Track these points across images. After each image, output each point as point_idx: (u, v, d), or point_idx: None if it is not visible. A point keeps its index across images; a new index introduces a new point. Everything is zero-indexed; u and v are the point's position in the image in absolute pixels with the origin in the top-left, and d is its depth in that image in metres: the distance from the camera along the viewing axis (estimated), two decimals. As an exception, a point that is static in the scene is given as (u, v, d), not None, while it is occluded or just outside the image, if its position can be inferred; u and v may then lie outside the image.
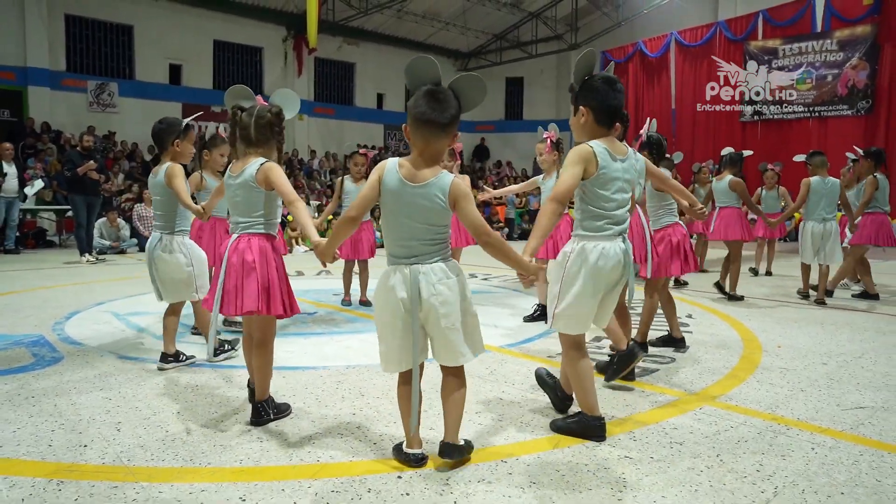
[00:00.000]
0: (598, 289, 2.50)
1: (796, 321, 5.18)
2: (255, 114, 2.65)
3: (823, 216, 5.94)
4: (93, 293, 6.25)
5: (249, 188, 2.63)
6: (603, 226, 2.49)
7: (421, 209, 2.16)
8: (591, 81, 2.51)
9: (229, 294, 2.60)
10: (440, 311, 2.16)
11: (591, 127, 2.51)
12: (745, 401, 3.10)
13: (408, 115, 2.21)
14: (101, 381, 3.29)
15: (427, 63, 2.20)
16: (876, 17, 15.66)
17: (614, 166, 2.48)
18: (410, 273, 2.17)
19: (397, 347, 2.22)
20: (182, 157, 3.59)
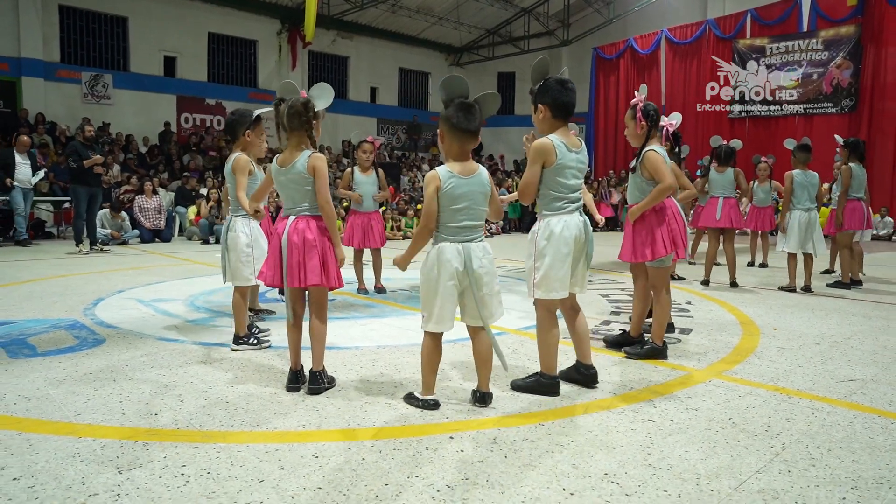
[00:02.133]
0: (567, 254, 2.90)
1: (789, 307, 5.49)
2: (289, 104, 2.90)
3: (807, 206, 6.27)
4: (110, 282, 6.41)
5: (303, 178, 2.89)
6: (563, 205, 2.93)
7: (478, 195, 2.69)
8: (546, 83, 2.93)
9: (293, 269, 2.86)
10: (484, 279, 2.67)
11: (549, 121, 2.94)
12: (749, 375, 3.38)
13: (443, 123, 2.70)
14: (150, 359, 3.50)
15: (459, 81, 2.69)
16: (860, 17, 16.09)
17: (570, 157, 2.92)
18: (463, 249, 2.65)
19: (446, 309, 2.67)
20: (252, 147, 3.87)
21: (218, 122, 18.77)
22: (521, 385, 3.04)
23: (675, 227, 3.57)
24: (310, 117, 2.92)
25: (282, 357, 3.59)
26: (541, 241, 2.93)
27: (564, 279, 2.92)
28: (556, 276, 2.89)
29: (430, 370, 2.77)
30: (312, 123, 2.94)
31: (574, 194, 2.98)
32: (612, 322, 4.77)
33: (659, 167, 3.46)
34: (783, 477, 2.15)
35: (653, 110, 3.59)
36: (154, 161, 15.57)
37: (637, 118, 3.56)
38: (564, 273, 2.91)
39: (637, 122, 3.57)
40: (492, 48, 24.10)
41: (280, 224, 2.96)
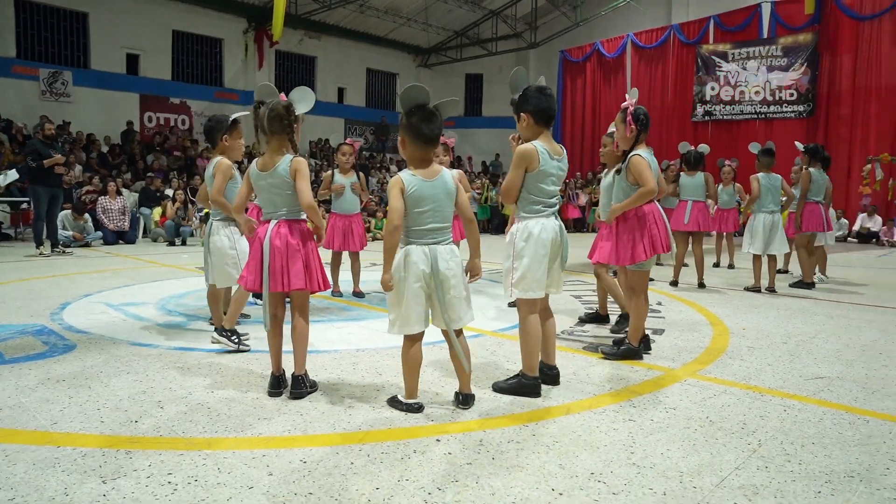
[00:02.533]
0: (544, 255, 2.97)
1: (756, 307, 5.65)
2: (269, 107, 2.88)
3: (771, 208, 6.48)
4: (76, 286, 6.25)
5: (285, 183, 2.88)
6: (540, 209, 3.02)
7: (443, 197, 2.71)
8: (526, 92, 3.03)
9: (276, 274, 2.84)
10: (451, 282, 2.70)
11: (532, 128, 3.03)
12: (722, 374, 3.48)
13: (404, 131, 2.73)
14: (125, 365, 3.43)
15: (419, 89, 2.71)
16: (816, 25, 16.64)
17: (551, 164, 3.01)
18: (430, 251, 2.67)
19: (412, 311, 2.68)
20: (231, 151, 3.88)
21: (182, 121, 18.43)
22: (504, 387, 3.08)
23: (657, 232, 3.64)
24: (291, 121, 2.90)
25: (259, 361, 3.56)
26: (519, 243, 3.00)
27: (541, 280, 3.01)
28: (534, 276, 2.97)
29: (411, 374, 2.78)
30: (293, 127, 2.92)
31: (552, 199, 3.08)
32: (588, 324, 4.84)
33: (643, 172, 3.54)
34: (761, 473, 2.22)
35: (643, 114, 3.67)
36: (116, 161, 15.20)
37: (627, 121, 3.63)
38: (541, 274, 3.00)
39: (626, 126, 3.63)
40: (460, 50, 24.19)
41: (261, 228, 2.94)
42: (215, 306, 3.99)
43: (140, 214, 12.63)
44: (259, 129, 2.91)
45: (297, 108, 2.93)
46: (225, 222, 3.86)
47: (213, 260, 3.83)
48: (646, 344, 3.85)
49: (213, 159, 3.85)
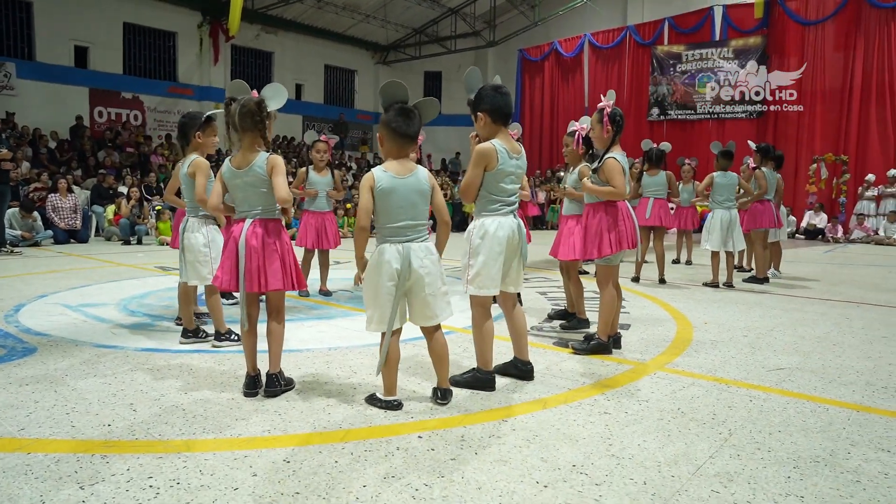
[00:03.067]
0: (500, 252, 3.01)
1: (715, 302, 5.84)
2: (240, 104, 2.85)
3: (728, 205, 6.69)
4: (30, 286, 6.02)
5: (261, 180, 2.84)
6: (498, 207, 3.05)
7: (415, 194, 2.71)
8: (481, 91, 3.05)
9: (252, 274, 2.80)
10: (426, 279, 2.70)
11: (490, 126, 3.05)
12: (688, 367, 3.59)
13: (383, 128, 2.74)
14: (91, 367, 3.33)
15: (399, 86, 2.73)
16: (765, 29, 17.24)
17: (510, 162, 3.04)
18: (403, 249, 2.67)
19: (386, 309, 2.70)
20: (204, 148, 3.83)
21: (135, 116, 17.90)
22: (459, 380, 3.11)
23: (624, 227, 3.73)
24: (263, 117, 2.86)
25: (231, 361, 3.50)
26: (475, 240, 3.04)
27: (496, 277, 3.04)
28: (489, 273, 3.01)
29: (390, 371, 2.78)
30: (266, 124, 2.88)
31: (511, 198, 3.10)
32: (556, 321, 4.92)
33: (614, 176, 3.62)
34: (734, 461, 2.31)
35: (619, 116, 3.74)
36: (65, 157, 14.66)
37: (604, 122, 3.70)
38: (496, 271, 3.03)
39: (603, 126, 3.70)
40: (419, 47, 24.17)
41: (235, 227, 2.89)
42: (186, 305, 3.92)
43: (92, 212, 12.22)
44: (231, 126, 2.86)
45: (269, 105, 2.90)
46: (202, 220, 3.80)
47: (186, 257, 3.76)
48: (616, 342, 3.93)
49: (188, 157, 3.77)
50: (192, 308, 3.94)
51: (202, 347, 3.80)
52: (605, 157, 3.74)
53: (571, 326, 4.59)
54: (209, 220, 3.81)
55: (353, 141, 23.93)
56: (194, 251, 3.74)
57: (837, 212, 15.87)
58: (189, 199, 3.80)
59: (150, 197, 13.35)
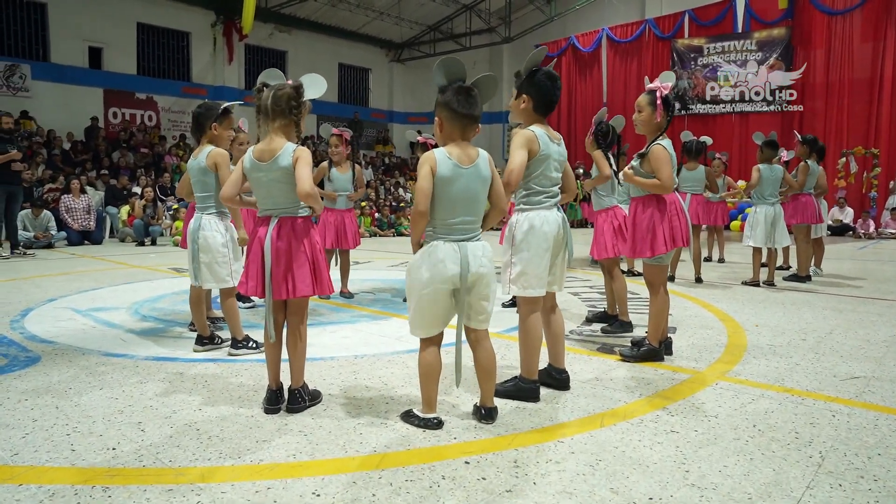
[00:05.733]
0: (546, 249, 2.75)
1: (759, 302, 5.47)
2: (275, 88, 2.54)
3: (773, 200, 6.34)
4: (39, 289, 5.78)
5: (287, 174, 2.54)
6: (542, 199, 2.79)
7: (477, 187, 2.42)
8: (536, 75, 2.79)
9: (279, 279, 2.51)
10: (483, 282, 2.43)
11: (529, 113, 2.82)
12: (752, 375, 3.24)
13: (442, 110, 2.43)
14: (97, 379, 3.05)
15: (456, 63, 2.45)
16: (790, 20, 16.73)
17: (552, 148, 2.79)
18: (460, 249, 2.37)
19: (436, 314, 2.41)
20: (220, 141, 3.55)
21: (149, 117, 17.74)
22: (500, 390, 2.81)
23: (678, 223, 3.40)
24: (300, 103, 2.56)
25: (249, 372, 3.21)
26: (518, 235, 2.77)
27: (542, 276, 2.77)
28: (535, 272, 2.74)
29: (430, 384, 2.47)
30: (301, 111, 2.58)
31: (554, 188, 2.85)
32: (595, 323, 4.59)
33: (662, 165, 3.30)
34: (837, 493, 1.97)
35: (673, 100, 3.41)
36: (80, 158, 14.51)
37: (657, 105, 3.36)
38: (542, 270, 2.77)
39: (656, 110, 3.36)
40: (433, 44, 23.83)
41: (260, 228, 2.58)
42: (198, 311, 3.63)
43: (106, 213, 12.04)
44: (261, 112, 2.55)
45: (307, 93, 2.59)
46: (217, 216, 3.49)
47: (201, 258, 3.44)
48: (667, 347, 3.60)
49: (203, 149, 3.47)
50: (204, 313, 3.65)
51: (217, 356, 3.51)
52: (652, 144, 3.41)
53: (614, 330, 4.25)
54: (225, 216, 3.50)
55: (367, 140, 23.66)
56: (212, 251, 3.43)
57: (868, 206, 15.34)
58: (203, 195, 3.50)
59: (165, 197, 13.16)
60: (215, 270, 3.43)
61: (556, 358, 2.98)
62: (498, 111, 24.47)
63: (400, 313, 4.84)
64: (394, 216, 14.95)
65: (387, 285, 6.33)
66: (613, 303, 4.52)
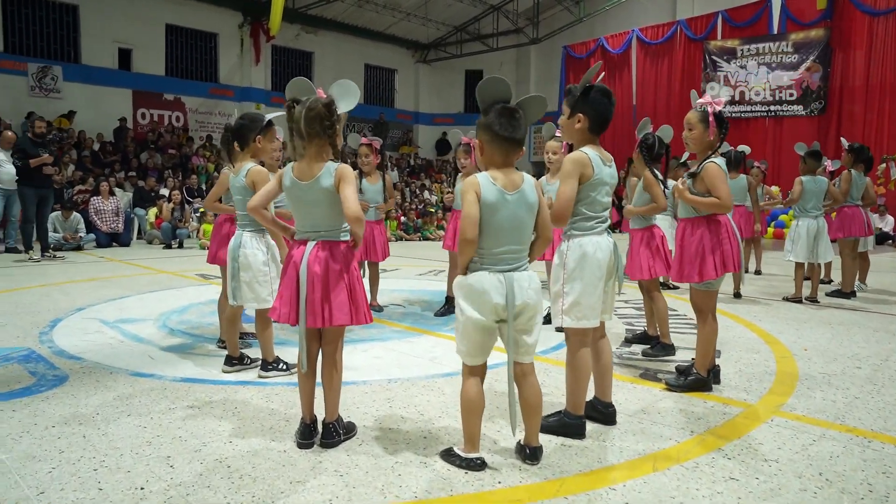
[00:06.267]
0: (600, 278, 2.62)
1: (804, 321, 5.23)
2: (307, 106, 2.41)
3: (815, 213, 6.10)
4: (68, 296, 5.76)
5: (329, 196, 2.41)
6: (594, 225, 2.65)
7: (523, 214, 2.27)
8: (591, 92, 2.64)
9: (315, 306, 2.38)
10: (528, 314, 2.28)
11: (584, 133, 2.67)
12: (808, 410, 3.04)
13: (483, 132, 2.30)
14: (124, 404, 2.96)
15: (500, 83, 2.32)
16: (828, 21, 16.26)
17: (605, 171, 2.65)
18: (506, 280, 2.24)
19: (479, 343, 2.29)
20: (263, 154, 3.48)
21: (177, 118, 17.87)
22: (543, 425, 2.63)
23: (729, 247, 3.21)
24: (333, 121, 2.43)
25: (280, 397, 3.10)
26: (570, 264, 2.63)
27: (596, 306, 2.63)
28: (588, 302, 2.60)
29: (472, 420, 2.32)
30: (336, 128, 2.46)
31: (605, 213, 2.71)
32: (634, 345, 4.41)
33: (718, 184, 3.11)
34: (926, 562, 1.79)
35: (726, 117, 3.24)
36: (109, 159, 14.64)
37: (709, 122, 3.18)
38: (596, 299, 2.63)
39: (708, 127, 3.19)
40: (459, 45, 23.69)
41: (296, 251, 2.46)
42: (232, 330, 3.52)
43: (134, 215, 12.12)
44: (294, 132, 2.42)
45: (339, 107, 2.47)
46: (258, 234, 3.37)
47: (243, 276, 3.31)
48: (715, 375, 3.41)
49: (244, 165, 3.35)
50: (237, 333, 3.55)
51: (246, 377, 3.41)
52: (704, 163, 3.22)
53: (655, 353, 4.07)
54: (265, 232, 3.38)
55: (392, 141, 23.60)
56: (253, 270, 3.30)
57: (910, 214, 14.85)
58: (244, 212, 3.38)
59: (192, 199, 13.22)
60: (256, 290, 3.31)
61: (603, 391, 2.83)
62: (524, 113, 24.29)
63: (431, 330, 4.71)
64: (420, 220, 14.81)
65: (416, 296, 6.21)
66: (653, 322, 4.34)
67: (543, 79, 23.67)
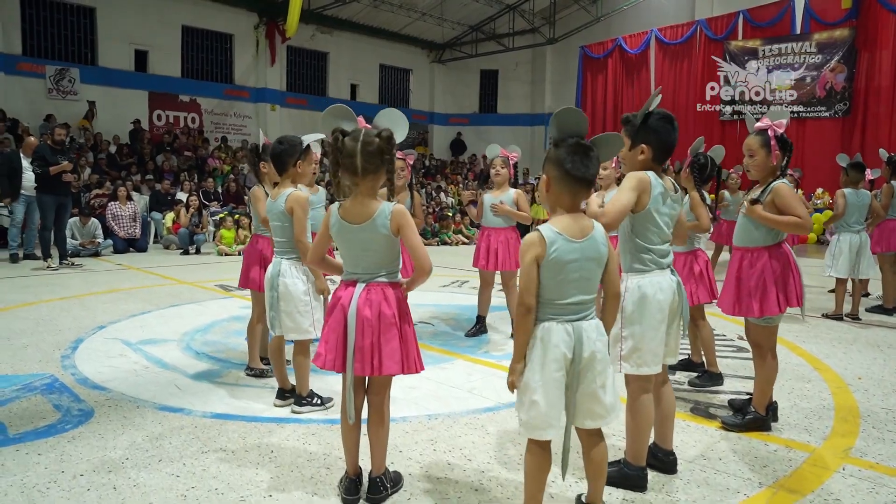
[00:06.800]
0: (661, 321, 2.45)
1: (851, 343, 5.01)
2: (362, 139, 2.21)
3: (857, 228, 5.89)
4: (88, 312, 5.64)
5: (385, 239, 2.24)
6: (653, 259, 2.48)
7: (591, 264, 2.07)
8: (650, 119, 2.51)
9: (364, 353, 2.20)
10: (597, 367, 2.05)
11: (647, 164, 2.52)
12: (881, 457, 2.85)
13: (553, 168, 2.09)
14: (155, 446, 2.81)
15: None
16: (854, 21, 15.90)
17: (669, 201, 2.51)
18: (574, 330, 2.03)
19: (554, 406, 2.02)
20: (302, 178, 3.35)
21: (192, 119, 17.81)
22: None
23: (792, 280, 3.01)
24: (393, 155, 2.25)
25: (318, 437, 2.94)
26: (629, 306, 2.45)
27: (658, 351, 2.46)
28: (649, 348, 2.43)
29: (534, 484, 2.11)
30: (394, 163, 2.28)
31: (664, 247, 2.53)
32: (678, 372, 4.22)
33: (794, 204, 2.92)
34: None
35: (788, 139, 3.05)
36: (126, 161, 14.58)
37: (771, 146, 2.99)
38: (658, 344, 2.46)
39: (771, 152, 2.99)
40: (475, 45, 23.48)
41: (343, 292, 2.28)
42: (279, 362, 3.38)
43: (151, 219, 12.03)
44: (345, 167, 2.21)
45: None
46: (298, 261, 3.21)
47: (283, 306, 3.16)
48: (773, 413, 3.22)
49: (284, 190, 3.19)
50: (284, 364, 3.41)
51: (279, 414, 3.25)
52: (772, 184, 3.02)
53: (702, 384, 3.88)
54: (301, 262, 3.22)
55: (408, 141, 23.42)
56: (293, 300, 3.14)
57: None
58: (284, 239, 3.22)
59: (208, 203, 13.12)
60: (297, 321, 3.14)
61: (664, 438, 2.64)
62: (540, 112, 24.10)
63: (463, 353, 4.55)
64: (438, 224, 14.64)
65: (443, 311, 6.04)
66: (698, 349, 4.15)
67: (559, 79, 23.43)
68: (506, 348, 4.63)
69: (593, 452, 2.16)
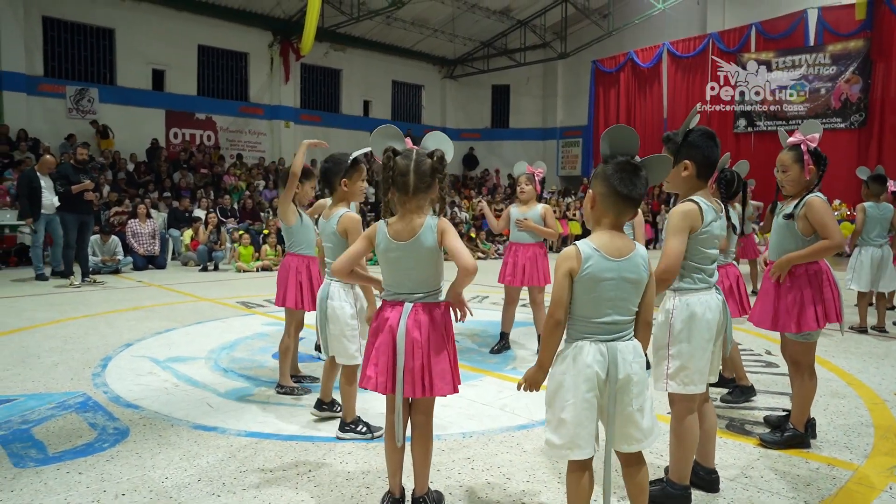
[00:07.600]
0: (709, 340, 2.43)
1: (882, 357, 4.95)
2: (415, 158, 2.25)
3: (879, 241, 5.85)
4: (114, 329, 5.68)
5: (430, 253, 2.26)
6: (703, 278, 2.48)
7: (627, 285, 2.02)
8: (691, 136, 2.51)
9: (414, 375, 2.20)
10: (633, 390, 2.02)
11: (692, 181, 2.51)
12: (926, 475, 2.80)
13: (599, 184, 2.07)
14: (192, 465, 2.82)
15: (629, 134, 2.10)
16: (868, 31, 15.87)
17: (717, 223, 2.49)
18: (608, 350, 2.00)
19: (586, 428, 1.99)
20: (353, 196, 3.30)
21: (208, 137, 18.00)
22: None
23: (831, 296, 2.99)
24: (445, 174, 2.28)
25: (355, 457, 2.94)
26: (677, 325, 2.44)
27: (705, 370, 2.44)
28: (697, 366, 2.41)
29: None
30: (445, 183, 2.30)
31: (712, 266, 2.52)
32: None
33: (828, 219, 2.90)
34: None
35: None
36: (143, 179, 14.75)
37: (804, 161, 2.98)
38: (705, 363, 2.44)
39: (804, 167, 2.99)
40: (486, 60, 23.62)
41: (391, 313, 2.28)
42: (328, 377, 3.39)
43: (169, 236, 12.14)
44: (396, 185, 2.24)
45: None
46: (348, 285, 3.18)
47: (331, 329, 3.14)
48: (812, 429, 3.18)
49: (336, 211, 3.19)
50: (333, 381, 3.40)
51: (314, 432, 3.24)
52: (806, 198, 3.01)
53: (735, 399, 3.84)
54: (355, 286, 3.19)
55: (419, 157, 23.52)
56: (340, 323, 3.11)
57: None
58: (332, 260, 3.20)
59: (225, 219, 13.22)
60: (344, 344, 3.12)
61: (706, 457, 2.61)
62: (552, 127, 24.17)
63: (491, 370, 4.54)
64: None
65: (465, 328, 6.01)
66: (728, 363, 4.11)
67: (571, 93, 23.51)
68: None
69: (636, 477, 2.13)
